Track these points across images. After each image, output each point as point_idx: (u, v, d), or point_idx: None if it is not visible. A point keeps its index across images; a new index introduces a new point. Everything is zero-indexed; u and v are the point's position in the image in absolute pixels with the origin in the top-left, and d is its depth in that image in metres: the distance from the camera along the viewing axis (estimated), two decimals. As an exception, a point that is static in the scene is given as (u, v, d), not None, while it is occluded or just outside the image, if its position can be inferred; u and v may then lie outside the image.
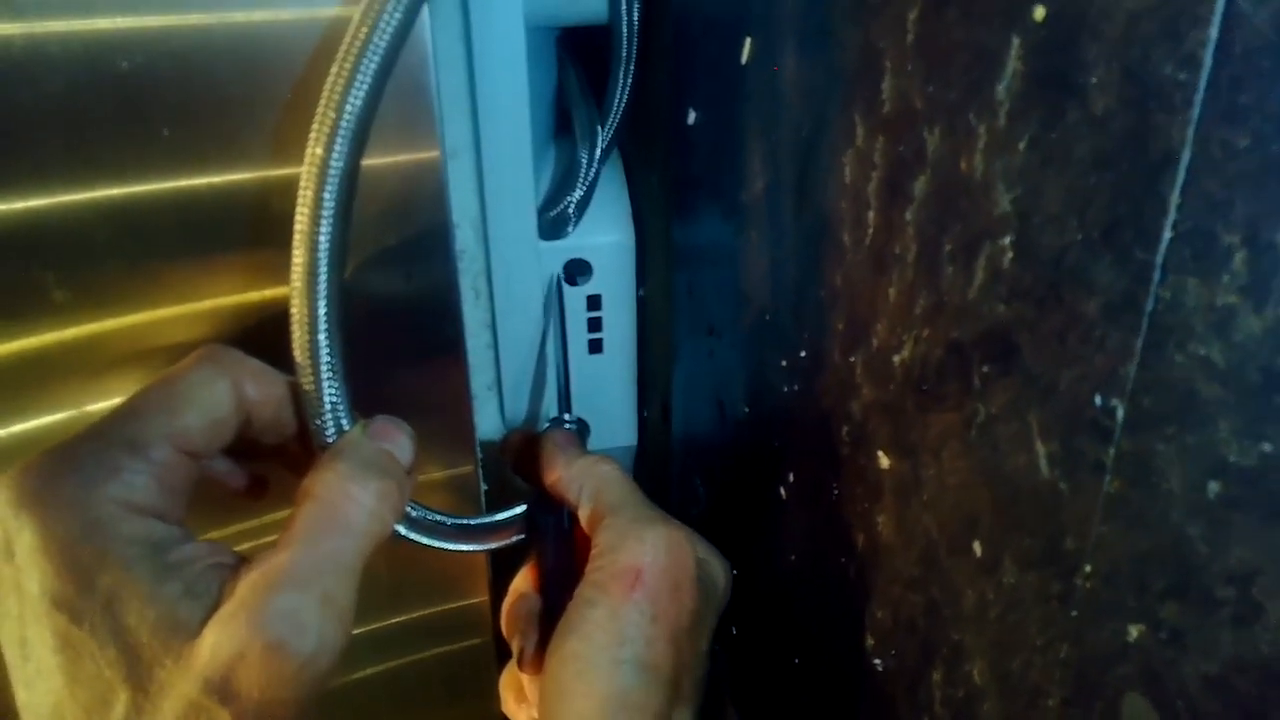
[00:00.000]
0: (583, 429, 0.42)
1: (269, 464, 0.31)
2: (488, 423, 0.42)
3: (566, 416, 0.41)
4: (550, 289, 0.42)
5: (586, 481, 0.33)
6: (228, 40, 0.28)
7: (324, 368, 0.28)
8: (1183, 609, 0.15)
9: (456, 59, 0.35)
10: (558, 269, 0.44)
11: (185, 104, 0.29)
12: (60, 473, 0.23)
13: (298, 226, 0.27)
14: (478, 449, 0.40)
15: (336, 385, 0.28)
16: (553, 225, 0.44)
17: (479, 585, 0.42)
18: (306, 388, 0.28)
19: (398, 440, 0.28)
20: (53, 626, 0.22)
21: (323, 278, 0.27)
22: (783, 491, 0.33)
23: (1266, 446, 0.13)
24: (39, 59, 0.27)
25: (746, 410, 0.36)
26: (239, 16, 0.28)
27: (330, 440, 0.28)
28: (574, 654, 0.27)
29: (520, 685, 0.34)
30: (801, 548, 0.33)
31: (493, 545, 0.35)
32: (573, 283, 0.45)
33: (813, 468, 0.30)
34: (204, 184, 0.30)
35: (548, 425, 0.40)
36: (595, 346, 0.47)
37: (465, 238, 0.38)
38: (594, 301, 0.46)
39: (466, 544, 0.34)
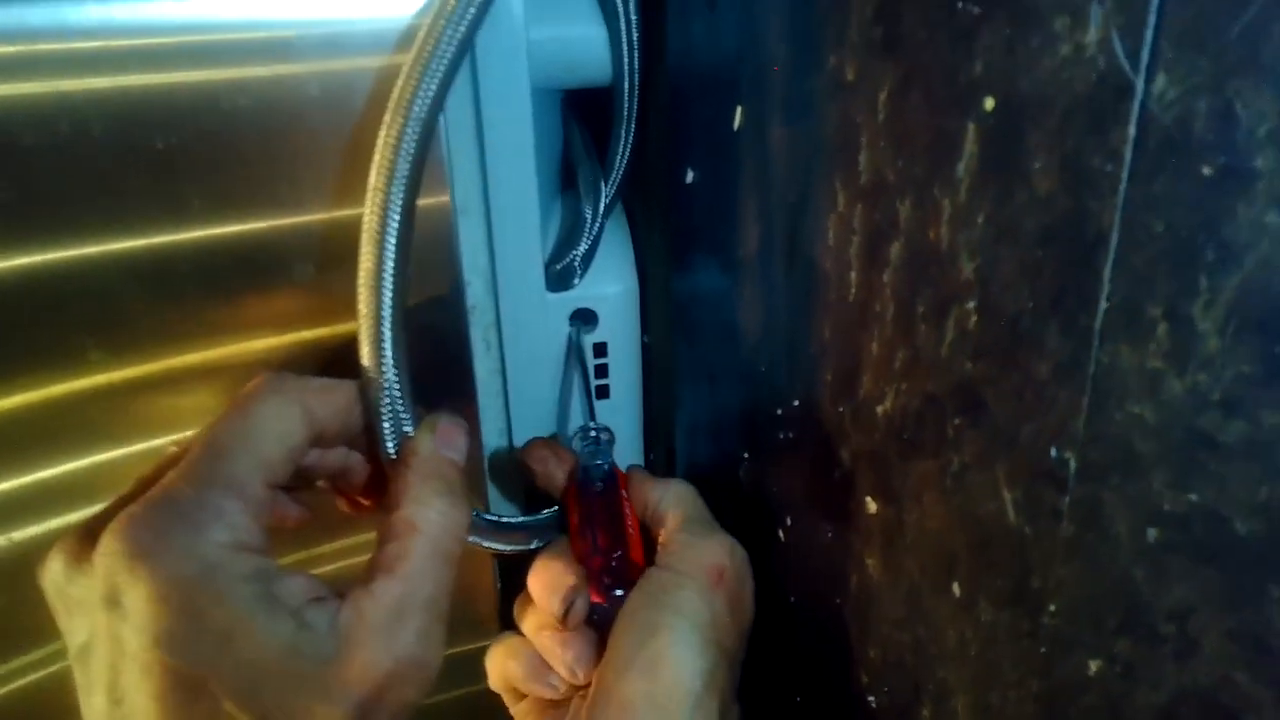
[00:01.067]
0: (612, 437, 0.44)
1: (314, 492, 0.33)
2: (498, 467, 0.44)
3: (593, 424, 0.43)
4: (569, 343, 0.45)
5: (668, 491, 0.37)
6: (255, 93, 0.30)
7: (390, 374, 0.29)
8: (1133, 644, 0.17)
9: (466, 121, 0.37)
10: (565, 319, 0.46)
11: (212, 156, 0.31)
12: (169, 522, 0.24)
13: (366, 227, 0.29)
14: (488, 492, 0.42)
15: (403, 396, 0.30)
16: (559, 277, 0.46)
17: (486, 586, 0.43)
18: (374, 397, 0.29)
19: (460, 444, 0.30)
20: (160, 672, 0.23)
21: (389, 275, 0.29)
22: (782, 534, 0.34)
23: (1194, 496, 0.15)
24: (73, 117, 0.29)
25: (746, 456, 0.37)
26: (262, 70, 0.30)
27: (392, 447, 0.30)
28: (668, 625, 0.30)
29: (516, 649, 0.36)
30: (801, 588, 0.34)
31: (518, 547, 0.37)
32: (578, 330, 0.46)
33: (808, 511, 0.32)
34: (228, 232, 0.32)
35: (577, 431, 0.42)
36: (602, 392, 0.49)
37: (476, 293, 0.40)
38: (600, 349, 0.48)
39: (504, 544, 0.37)
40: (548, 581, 0.34)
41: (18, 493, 0.33)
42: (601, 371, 0.48)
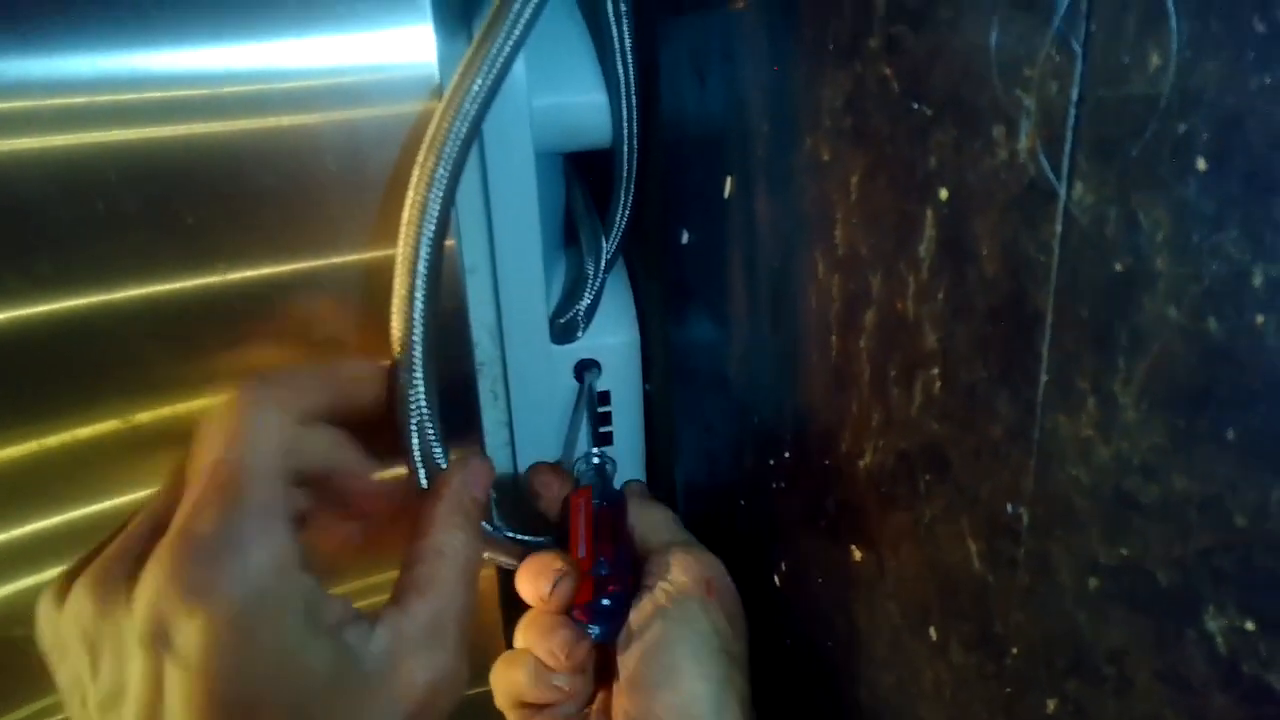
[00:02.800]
0: (614, 465, 0.46)
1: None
2: (505, 512, 0.46)
3: (595, 451, 0.45)
4: (581, 391, 0.47)
5: (647, 515, 0.40)
6: (259, 141, 0.32)
7: (422, 404, 0.31)
8: (1080, 684, 0.18)
9: (473, 184, 0.39)
10: (570, 370, 0.48)
11: (216, 202, 0.32)
12: (212, 553, 0.24)
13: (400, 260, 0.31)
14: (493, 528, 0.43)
15: (435, 430, 0.32)
16: (564, 331, 0.48)
17: (490, 601, 0.45)
18: (404, 431, 0.31)
19: (485, 484, 0.32)
20: (209, 705, 0.23)
21: (419, 305, 0.31)
22: (776, 579, 0.36)
23: (1124, 550, 0.17)
24: (91, 167, 0.30)
25: (742, 503, 0.39)
26: (271, 121, 0.32)
27: (424, 477, 0.31)
28: (680, 638, 0.32)
29: (518, 658, 0.37)
30: (795, 631, 0.35)
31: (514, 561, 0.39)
32: (582, 380, 0.49)
33: (800, 558, 0.33)
34: (245, 278, 0.34)
35: (579, 459, 0.45)
36: (605, 439, 0.51)
37: (484, 349, 0.42)
38: (604, 397, 0.50)
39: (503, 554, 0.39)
40: (536, 569, 0.36)
41: (49, 532, 0.35)
42: (605, 419, 0.50)
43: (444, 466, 0.32)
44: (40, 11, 0.29)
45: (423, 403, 0.31)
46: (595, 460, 0.45)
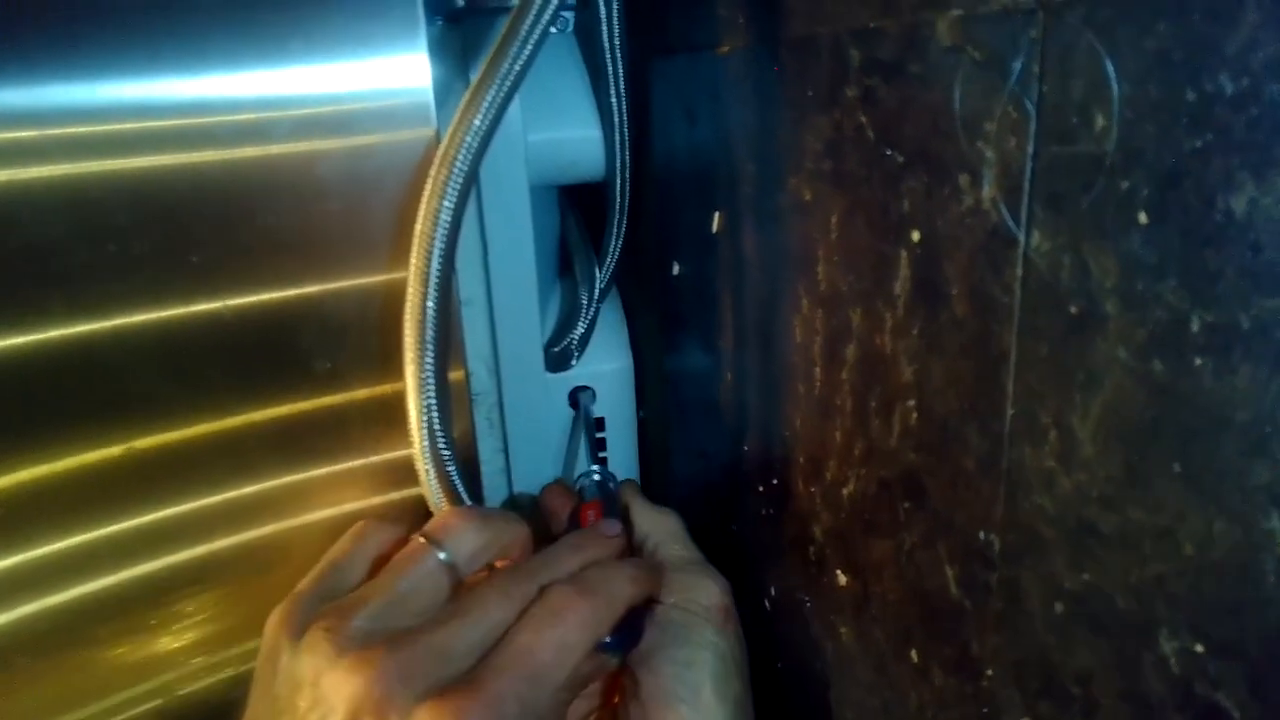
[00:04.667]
0: (615, 482, 0.47)
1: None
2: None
3: (596, 469, 0.46)
4: (579, 413, 0.48)
5: (659, 526, 0.40)
6: (260, 168, 0.33)
7: (437, 427, 0.33)
8: (1051, 705, 0.19)
9: (469, 218, 0.40)
10: (564, 397, 0.49)
11: (218, 228, 0.33)
12: (371, 631, 0.28)
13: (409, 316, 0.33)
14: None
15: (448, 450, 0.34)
16: (558, 359, 0.49)
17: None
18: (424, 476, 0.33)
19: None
20: None
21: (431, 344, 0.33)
22: (767, 604, 0.37)
23: (1086, 576, 0.17)
24: (91, 196, 0.31)
25: (734, 528, 0.40)
26: (271, 149, 0.33)
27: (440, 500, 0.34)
28: (701, 660, 0.33)
29: None
30: (786, 654, 0.36)
31: None
32: (577, 407, 0.50)
33: (789, 583, 0.34)
34: (244, 304, 0.35)
35: (581, 475, 0.45)
36: (602, 464, 0.51)
37: (480, 379, 0.43)
38: (599, 423, 0.51)
39: None
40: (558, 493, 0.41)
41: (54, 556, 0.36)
42: (600, 445, 0.51)
43: (460, 489, 0.33)
44: (47, 41, 0.30)
45: (437, 426, 0.33)
46: (596, 477, 0.46)
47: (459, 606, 0.30)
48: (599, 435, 0.51)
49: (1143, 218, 0.15)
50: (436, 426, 0.33)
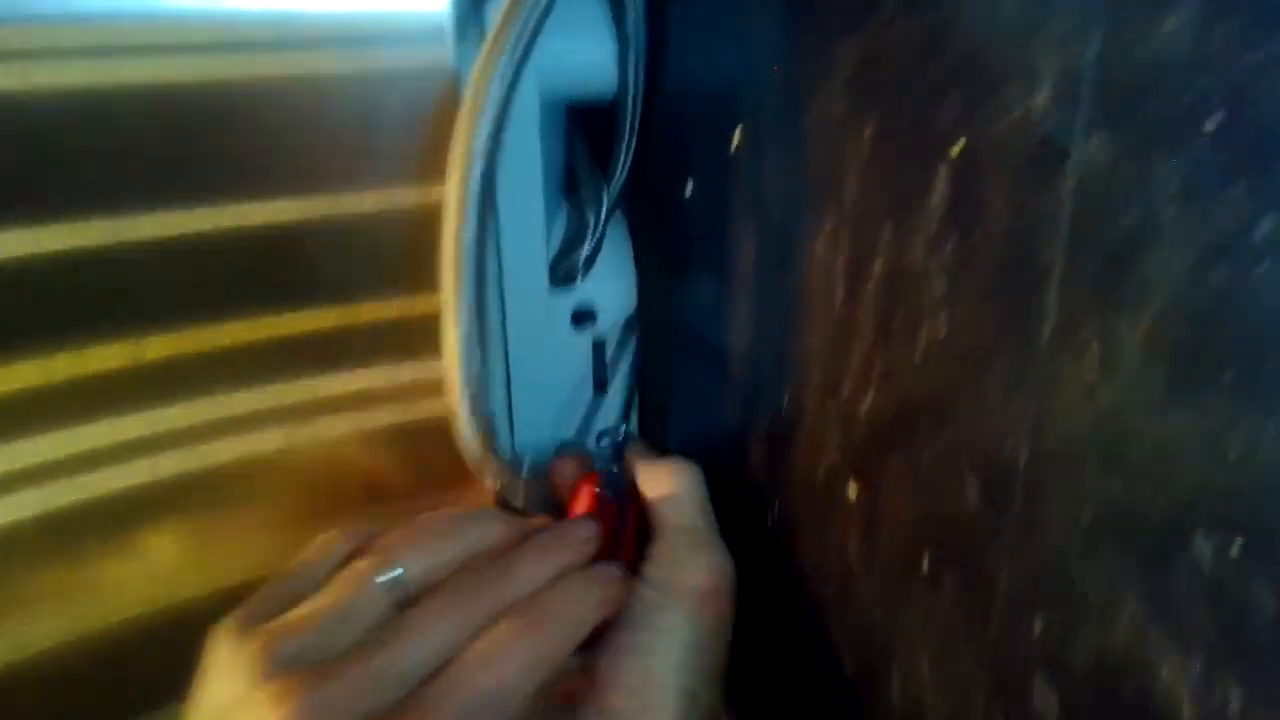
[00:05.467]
0: (631, 440, 0.47)
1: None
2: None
3: (607, 431, 0.46)
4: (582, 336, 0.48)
5: (666, 485, 0.38)
6: (272, 81, 0.33)
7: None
8: (1068, 612, 0.20)
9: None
10: (568, 317, 0.49)
11: (230, 139, 0.33)
12: (299, 657, 0.27)
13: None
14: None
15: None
16: (562, 278, 0.49)
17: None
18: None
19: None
20: None
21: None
22: (769, 519, 0.37)
23: (1119, 483, 0.18)
24: (96, 101, 0.31)
25: (737, 447, 0.40)
26: (284, 61, 0.33)
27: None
28: (655, 649, 0.31)
29: None
30: (786, 569, 0.37)
31: None
32: (581, 324, 0.50)
33: (795, 498, 0.35)
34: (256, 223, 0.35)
35: (599, 435, 0.45)
36: (600, 386, 0.52)
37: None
38: (598, 347, 0.51)
39: None
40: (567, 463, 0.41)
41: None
42: (599, 368, 0.51)
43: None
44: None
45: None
46: (606, 441, 0.45)
47: (398, 629, 0.28)
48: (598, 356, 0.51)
49: (1209, 125, 0.15)
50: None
